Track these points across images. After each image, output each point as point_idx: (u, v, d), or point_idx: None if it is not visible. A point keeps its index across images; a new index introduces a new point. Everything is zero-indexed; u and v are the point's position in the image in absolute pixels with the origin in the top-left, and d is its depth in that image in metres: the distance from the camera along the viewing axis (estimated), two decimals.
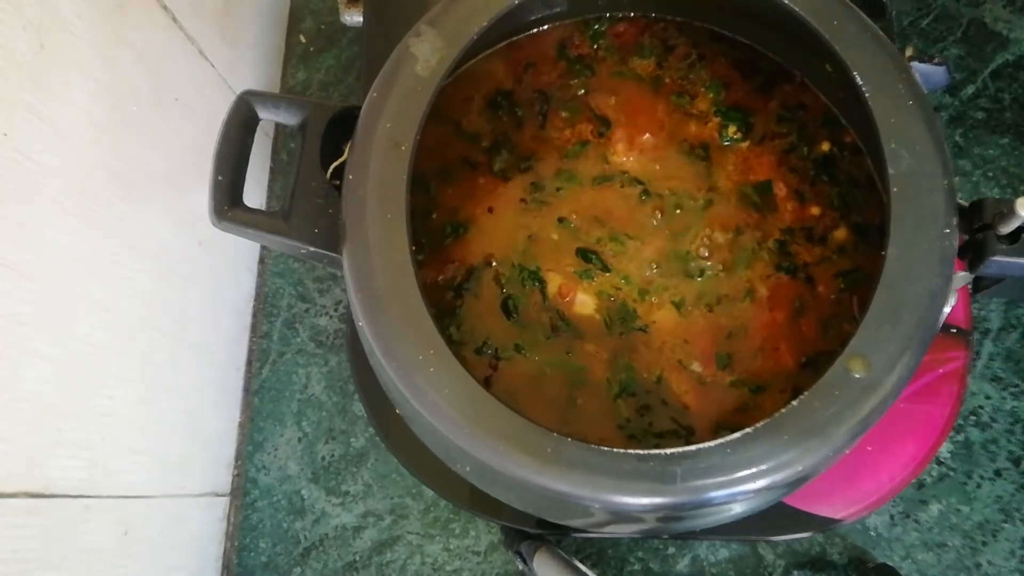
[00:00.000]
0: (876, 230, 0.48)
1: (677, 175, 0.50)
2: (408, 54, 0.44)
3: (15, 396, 0.46)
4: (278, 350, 0.76)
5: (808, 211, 0.50)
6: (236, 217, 0.44)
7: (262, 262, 0.79)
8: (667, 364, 0.47)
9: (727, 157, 0.51)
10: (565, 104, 0.52)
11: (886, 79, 0.42)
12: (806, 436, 0.37)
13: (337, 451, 0.73)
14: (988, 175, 0.76)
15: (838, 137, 0.50)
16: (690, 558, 0.69)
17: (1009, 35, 0.79)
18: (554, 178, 0.50)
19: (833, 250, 0.48)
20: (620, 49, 0.53)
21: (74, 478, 0.51)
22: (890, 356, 0.38)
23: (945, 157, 0.41)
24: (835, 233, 0.49)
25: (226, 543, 0.73)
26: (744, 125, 0.51)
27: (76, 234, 0.51)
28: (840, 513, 0.55)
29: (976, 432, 0.70)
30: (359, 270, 0.40)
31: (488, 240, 0.49)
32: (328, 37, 0.84)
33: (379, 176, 0.41)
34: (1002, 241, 0.42)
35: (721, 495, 0.37)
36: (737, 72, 0.52)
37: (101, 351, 0.54)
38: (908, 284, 0.39)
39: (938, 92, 0.78)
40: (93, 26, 0.51)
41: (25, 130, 0.45)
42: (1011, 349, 0.72)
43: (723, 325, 0.47)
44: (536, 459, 0.37)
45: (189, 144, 0.65)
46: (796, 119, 0.51)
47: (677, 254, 0.49)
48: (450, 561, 0.71)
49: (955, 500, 0.69)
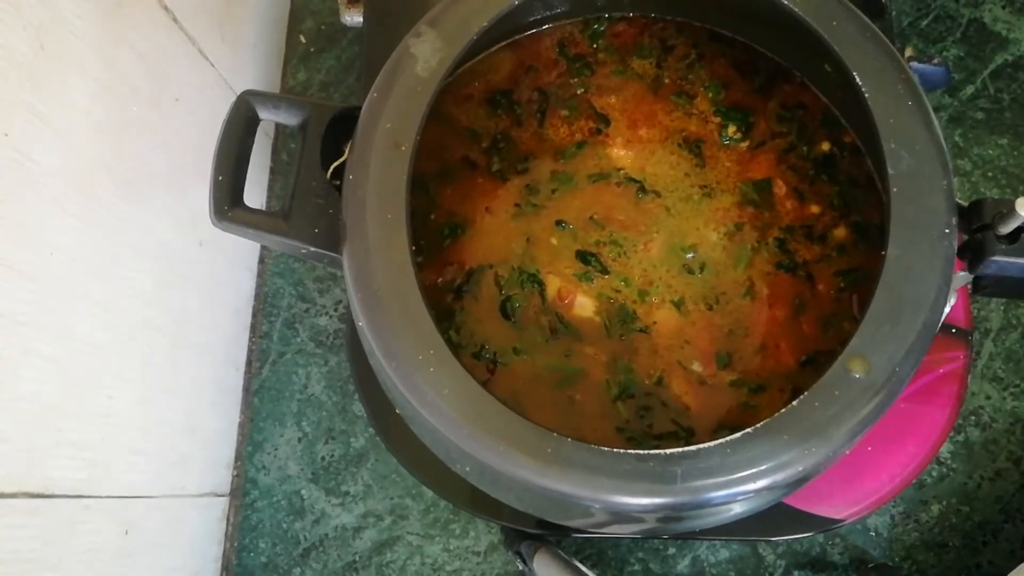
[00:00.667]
0: (876, 229, 0.48)
1: (675, 173, 0.50)
2: (408, 54, 0.44)
3: (15, 396, 0.46)
4: (278, 350, 0.76)
5: (808, 209, 0.50)
6: (236, 217, 0.44)
7: (262, 262, 0.79)
8: (667, 365, 0.47)
9: (726, 156, 0.51)
10: (564, 102, 0.52)
11: (886, 79, 0.42)
12: (806, 436, 0.37)
13: (337, 451, 0.73)
14: (988, 175, 0.76)
15: (838, 137, 0.50)
16: (690, 558, 0.69)
17: (1009, 35, 0.79)
18: (552, 180, 0.50)
19: (833, 248, 0.48)
20: (619, 49, 0.53)
21: (74, 478, 0.51)
22: (890, 356, 0.38)
23: (945, 157, 0.41)
24: (835, 232, 0.49)
25: (225, 543, 0.73)
26: (744, 125, 0.51)
27: (76, 234, 0.51)
28: (840, 513, 0.55)
29: (976, 432, 0.70)
30: (359, 270, 0.40)
31: (487, 242, 0.49)
32: (328, 37, 0.84)
33: (379, 176, 0.41)
34: (1002, 241, 0.42)
35: (721, 495, 0.37)
36: (737, 72, 0.52)
37: (101, 351, 0.54)
38: (908, 284, 0.39)
39: (938, 92, 0.78)
40: (93, 26, 0.51)
41: (25, 130, 0.45)
42: (1011, 349, 0.72)
43: (723, 323, 0.47)
44: (536, 459, 0.37)
45: (189, 144, 0.65)
46: (796, 119, 0.51)
47: (676, 252, 0.49)
48: (450, 561, 0.71)
49: (955, 500, 0.69)
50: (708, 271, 0.48)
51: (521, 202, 0.50)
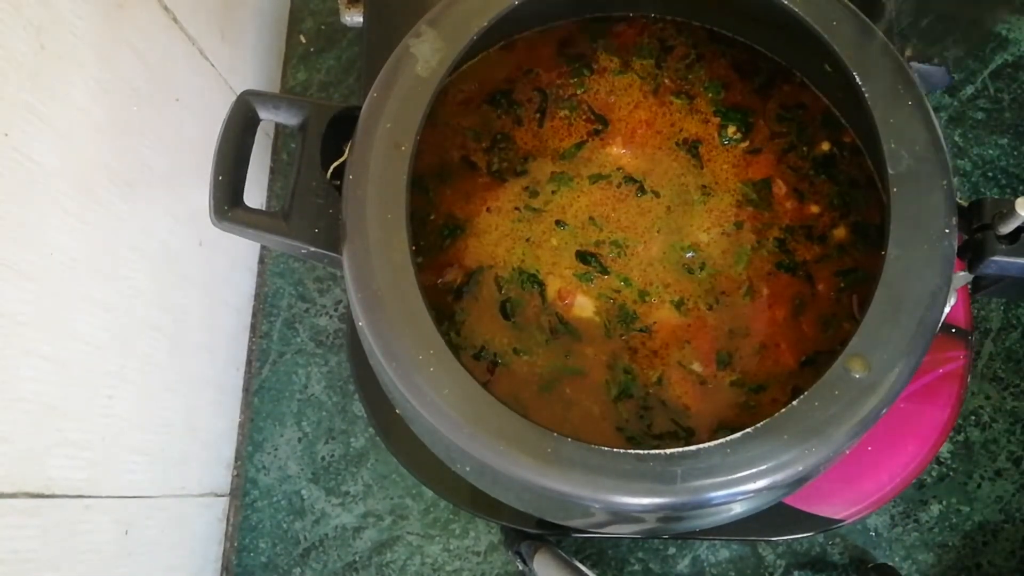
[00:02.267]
0: (876, 229, 0.48)
1: (675, 173, 0.50)
2: (408, 54, 0.44)
3: (15, 396, 0.46)
4: (278, 350, 0.76)
5: (808, 209, 0.50)
6: (236, 217, 0.44)
7: (262, 262, 0.79)
8: (667, 365, 0.47)
9: (725, 156, 0.51)
10: (564, 102, 0.52)
11: (886, 79, 0.42)
12: (806, 436, 0.37)
13: (337, 451, 0.73)
14: (988, 175, 0.76)
15: (838, 137, 0.50)
16: (690, 558, 0.69)
17: (1009, 35, 0.79)
18: (551, 181, 0.50)
19: (833, 248, 0.48)
20: (620, 49, 0.53)
21: (74, 478, 0.51)
22: (890, 356, 0.38)
23: (945, 157, 0.41)
24: (835, 232, 0.49)
25: (225, 543, 0.73)
26: (744, 125, 0.51)
27: (76, 234, 0.51)
28: (840, 513, 0.55)
29: (976, 432, 0.70)
30: (359, 270, 0.40)
31: (487, 243, 0.49)
32: (328, 37, 0.84)
33: (379, 176, 0.41)
34: (1002, 241, 0.42)
35: (721, 495, 0.37)
36: (736, 72, 0.52)
37: (101, 351, 0.54)
38: (908, 284, 0.39)
39: (938, 92, 0.78)
40: (93, 26, 0.51)
41: (25, 130, 0.45)
42: (1011, 349, 0.72)
43: (723, 323, 0.47)
44: (536, 459, 0.37)
45: (189, 144, 0.65)
46: (796, 119, 0.51)
47: (675, 252, 0.49)
48: (450, 561, 0.71)
49: (955, 500, 0.69)
50: (708, 271, 0.48)
51: (520, 204, 0.50)
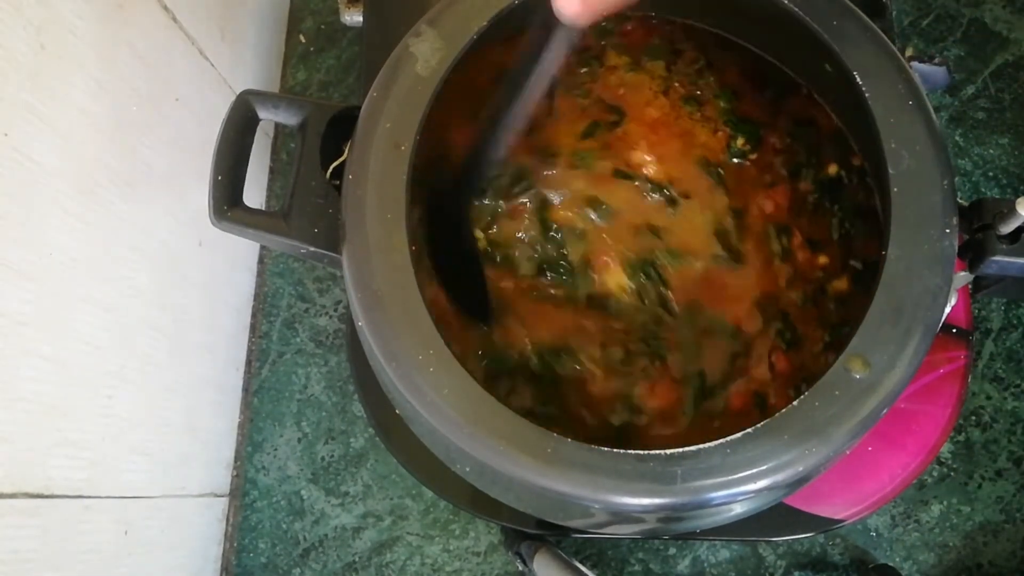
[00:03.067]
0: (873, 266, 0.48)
1: (679, 173, 0.50)
2: (408, 54, 0.44)
3: (15, 396, 0.46)
4: (278, 350, 0.76)
5: (817, 260, 0.49)
6: (236, 217, 0.44)
7: (262, 262, 0.79)
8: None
9: (733, 172, 0.51)
10: (576, 90, 0.52)
11: (886, 79, 0.42)
12: (806, 436, 0.37)
13: (337, 451, 0.73)
14: (988, 175, 0.76)
15: (846, 160, 0.50)
16: (691, 559, 0.69)
17: (1009, 35, 0.79)
18: (557, 184, 0.50)
19: (831, 299, 0.48)
20: (629, 48, 0.53)
21: (74, 478, 0.51)
22: (890, 356, 0.38)
23: (945, 157, 0.41)
24: (835, 283, 0.48)
25: (225, 544, 0.73)
26: (753, 138, 0.51)
27: (76, 234, 0.51)
28: (841, 514, 0.55)
29: (977, 432, 0.70)
30: (359, 270, 0.40)
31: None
32: (328, 37, 0.84)
33: (379, 176, 0.41)
34: (1002, 241, 0.42)
35: (721, 495, 0.37)
36: (747, 83, 0.52)
37: (101, 351, 0.54)
38: (908, 284, 0.39)
39: (938, 92, 0.78)
40: (93, 26, 0.51)
41: (25, 130, 0.45)
42: (1012, 349, 0.72)
43: (723, 341, 0.48)
44: (536, 459, 0.37)
45: (189, 144, 0.65)
46: (805, 137, 0.51)
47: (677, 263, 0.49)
48: (450, 562, 0.71)
49: (956, 500, 0.69)
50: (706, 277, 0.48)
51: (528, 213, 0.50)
